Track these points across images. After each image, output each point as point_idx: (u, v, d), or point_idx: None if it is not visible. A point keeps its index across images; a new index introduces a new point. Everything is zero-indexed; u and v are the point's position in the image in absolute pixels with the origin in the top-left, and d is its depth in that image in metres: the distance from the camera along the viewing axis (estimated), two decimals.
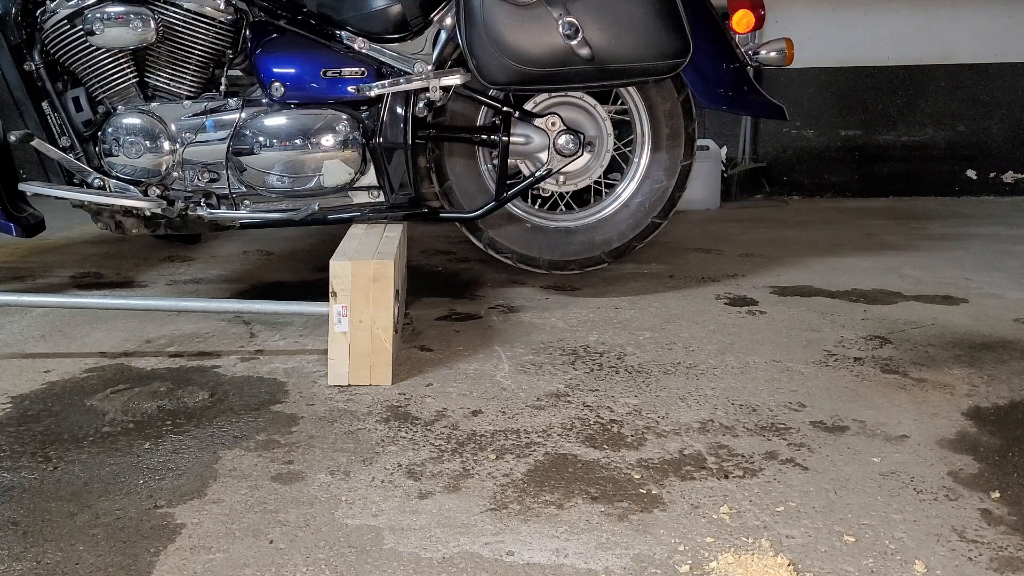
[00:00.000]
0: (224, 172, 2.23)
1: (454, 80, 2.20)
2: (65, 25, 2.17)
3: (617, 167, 2.56)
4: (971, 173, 3.98)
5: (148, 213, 2.27)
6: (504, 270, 2.61)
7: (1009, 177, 3.96)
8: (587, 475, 1.45)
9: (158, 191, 2.25)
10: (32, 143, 2.22)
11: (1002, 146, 3.95)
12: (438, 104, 2.28)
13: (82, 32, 2.15)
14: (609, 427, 1.63)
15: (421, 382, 1.85)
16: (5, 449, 1.55)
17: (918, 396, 1.75)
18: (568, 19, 2.01)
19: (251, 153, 2.21)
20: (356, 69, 2.22)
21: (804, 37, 3.70)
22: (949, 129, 3.97)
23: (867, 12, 3.86)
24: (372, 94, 2.21)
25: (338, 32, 2.24)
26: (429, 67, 2.22)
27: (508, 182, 2.34)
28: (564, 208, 2.56)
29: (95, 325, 2.21)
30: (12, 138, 2.21)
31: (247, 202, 2.28)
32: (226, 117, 2.23)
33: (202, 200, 2.28)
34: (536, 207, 2.53)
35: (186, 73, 2.24)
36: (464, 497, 1.39)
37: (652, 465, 1.48)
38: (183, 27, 2.19)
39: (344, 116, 2.22)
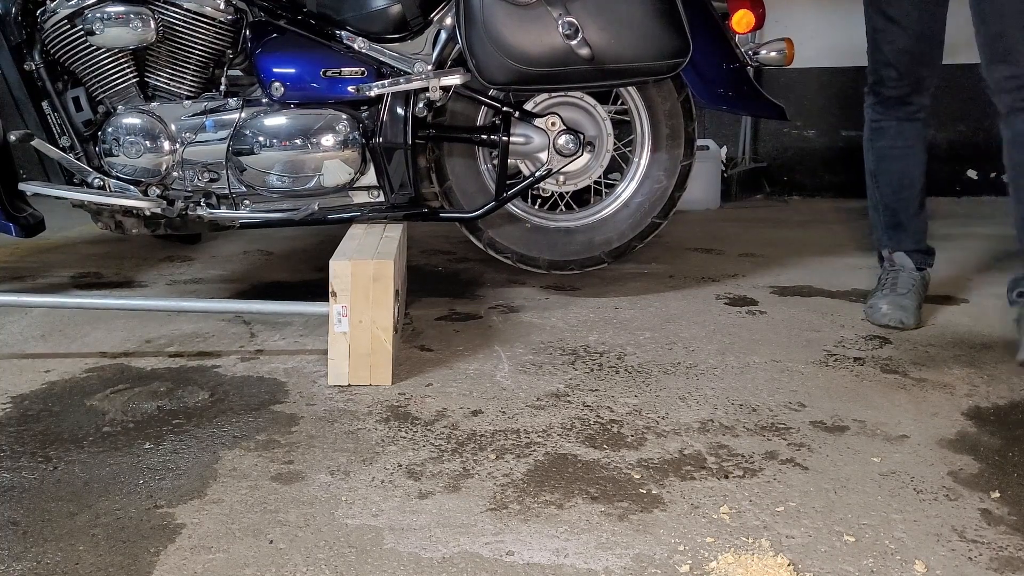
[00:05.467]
0: (224, 172, 2.23)
1: (454, 80, 2.20)
2: (65, 25, 2.17)
3: (617, 167, 2.56)
4: (972, 173, 3.97)
5: (148, 213, 2.27)
6: (504, 270, 2.61)
7: None
8: (587, 475, 1.45)
9: (158, 191, 2.25)
10: (32, 143, 2.21)
11: (1002, 146, 3.94)
12: (438, 104, 2.28)
13: (82, 32, 2.15)
14: (609, 427, 1.63)
15: (421, 382, 1.85)
16: (5, 449, 1.55)
17: (918, 396, 1.75)
18: (568, 19, 2.01)
19: (251, 153, 2.21)
20: (356, 69, 2.22)
21: (804, 37, 3.70)
22: (949, 129, 3.96)
23: None
24: (372, 94, 2.20)
25: (338, 32, 2.24)
26: (429, 67, 2.22)
27: (508, 182, 2.34)
28: (564, 208, 2.56)
29: (95, 325, 2.21)
30: (12, 138, 2.21)
31: (247, 202, 2.28)
32: (226, 117, 2.23)
33: (202, 200, 2.28)
34: (536, 207, 2.52)
35: (186, 73, 2.23)
36: (464, 497, 1.39)
37: (652, 465, 1.48)
38: (183, 27, 2.19)
39: (344, 116, 2.22)
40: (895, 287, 2.19)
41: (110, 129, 2.21)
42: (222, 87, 2.27)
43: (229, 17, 2.23)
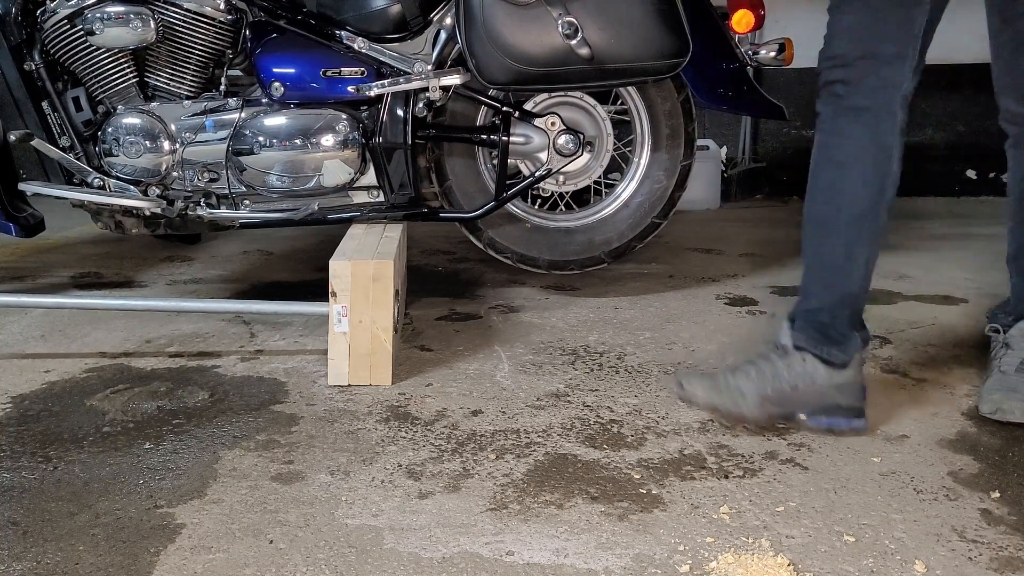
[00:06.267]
0: (224, 172, 2.23)
1: (454, 80, 2.20)
2: (65, 25, 2.17)
3: (617, 167, 2.56)
4: (971, 173, 3.97)
5: (148, 213, 2.27)
6: (504, 270, 2.61)
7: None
8: (587, 475, 1.45)
9: (158, 191, 2.25)
10: (32, 143, 2.22)
11: (1002, 146, 3.95)
12: (438, 104, 2.28)
13: (82, 32, 2.15)
14: (609, 427, 1.63)
15: (421, 382, 1.85)
16: (5, 449, 1.55)
17: (918, 396, 1.75)
18: (568, 19, 2.01)
19: (251, 153, 2.21)
20: (356, 69, 2.22)
21: (804, 37, 3.70)
22: (949, 129, 3.96)
23: None
24: (372, 94, 2.20)
25: (338, 32, 2.24)
26: (429, 67, 2.22)
27: (508, 182, 2.34)
28: (564, 208, 2.56)
29: (95, 325, 2.21)
30: (12, 138, 2.21)
31: (247, 202, 2.28)
32: (226, 117, 2.23)
33: (202, 200, 2.28)
34: (536, 207, 2.52)
35: (186, 73, 2.23)
36: (464, 497, 1.39)
37: (652, 465, 1.48)
38: (183, 27, 2.19)
39: (344, 116, 2.22)
40: (740, 363, 1.61)
41: (110, 129, 2.21)
42: (222, 87, 2.27)
43: (229, 17, 2.23)
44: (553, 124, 2.33)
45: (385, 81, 2.21)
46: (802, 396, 1.53)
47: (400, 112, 2.24)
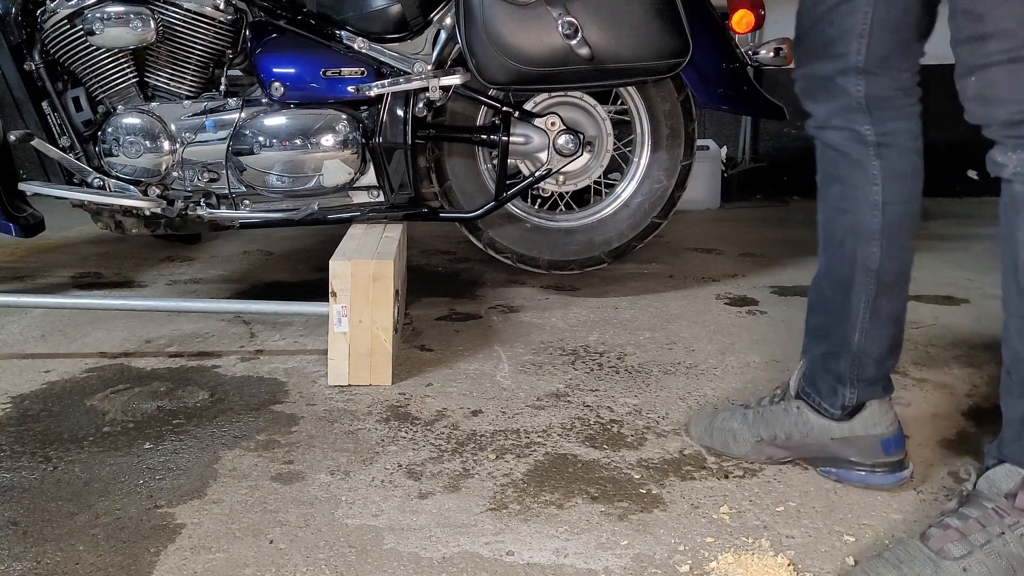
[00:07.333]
0: (224, 172, 2.23)
1: (454, 80, 2.20)
2: (65, 25, 2.17)
3: (617, 167, 2.56)
4: (972, 173, 3.97)
5: (148, 213, 2.27)
6: (504, 270, 2.61)
7: None
8: (587, 475, 1.45)
9: (158, 191, 2.25)
10: (32, 143, 2.21)
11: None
12: (438, 104, 2.28)
13: (82, 32, 2.15)
14: (609, 427, 1.63)
15: (421, 382, 1.85)
16: (5, 449, 1.55)
17: (918, 396, 1.75)
18: (568, 19, 2.01)
19: (251, 153, 2.21)
20: (356, 69, 2.22)
21: None
22: (949, 129, 3.94)
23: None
24: (372, 94, 2.20)
25: (338, 32, 2.24)
26: (429, 67, 2.22)
27: (508, 182, 2.34)
28: (564, 208, 2.56)
29: (95, 325, 2.21)
30: (12, 138, 2.21)
31: (247, 202, 2.28)
32: (226, 117, 2.22)
33: (202, 200, 2.28)
34: (536, 207, 2.52)
35: (186, 73, 2.23)
36: (464, 497, 1.39)
37: (652, 465, 1.48)
38: (183, 27, 2.19)
39: (344, 116, 2.22)
40: (750, 405, 1.54)
41: (110, 129, 2.21)
42: (222, 87, 2.27)
43: (229, 17, 2.23)
44: (553, 124, 2.33)
45: (385, 81, 2.20)
46: (796, 445, 1.44)
47: (400, 112, 2.24)
